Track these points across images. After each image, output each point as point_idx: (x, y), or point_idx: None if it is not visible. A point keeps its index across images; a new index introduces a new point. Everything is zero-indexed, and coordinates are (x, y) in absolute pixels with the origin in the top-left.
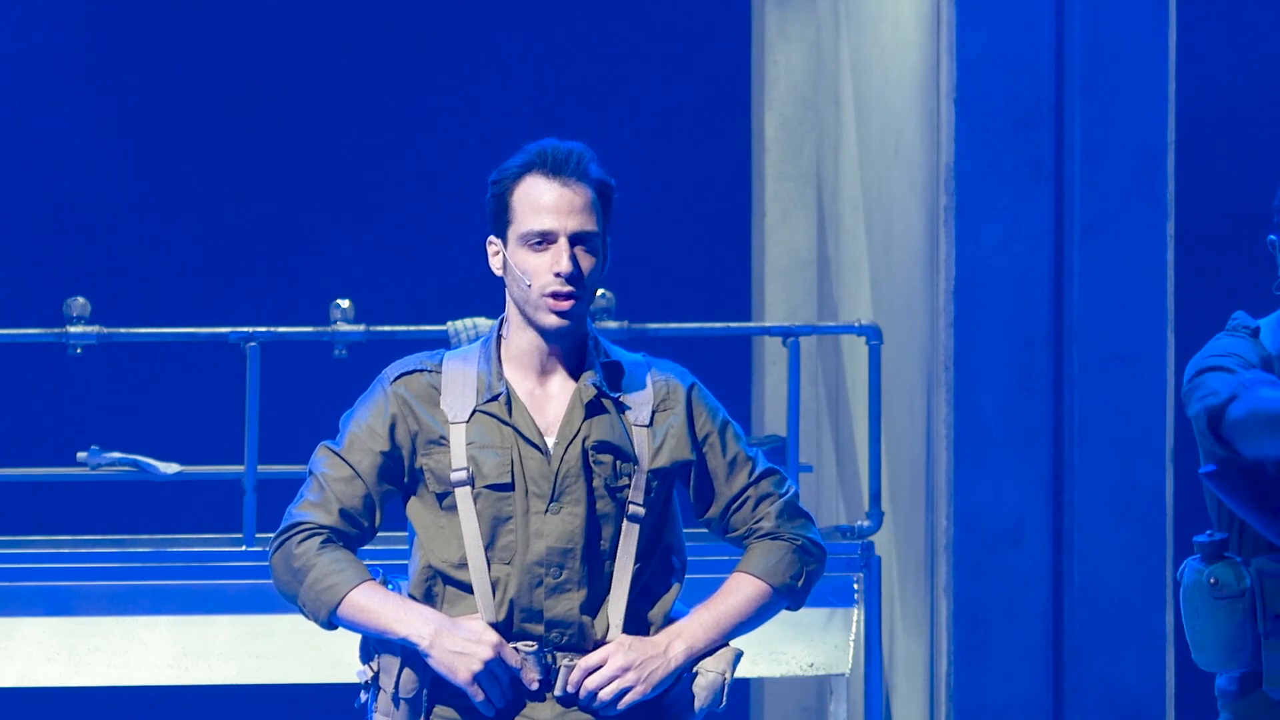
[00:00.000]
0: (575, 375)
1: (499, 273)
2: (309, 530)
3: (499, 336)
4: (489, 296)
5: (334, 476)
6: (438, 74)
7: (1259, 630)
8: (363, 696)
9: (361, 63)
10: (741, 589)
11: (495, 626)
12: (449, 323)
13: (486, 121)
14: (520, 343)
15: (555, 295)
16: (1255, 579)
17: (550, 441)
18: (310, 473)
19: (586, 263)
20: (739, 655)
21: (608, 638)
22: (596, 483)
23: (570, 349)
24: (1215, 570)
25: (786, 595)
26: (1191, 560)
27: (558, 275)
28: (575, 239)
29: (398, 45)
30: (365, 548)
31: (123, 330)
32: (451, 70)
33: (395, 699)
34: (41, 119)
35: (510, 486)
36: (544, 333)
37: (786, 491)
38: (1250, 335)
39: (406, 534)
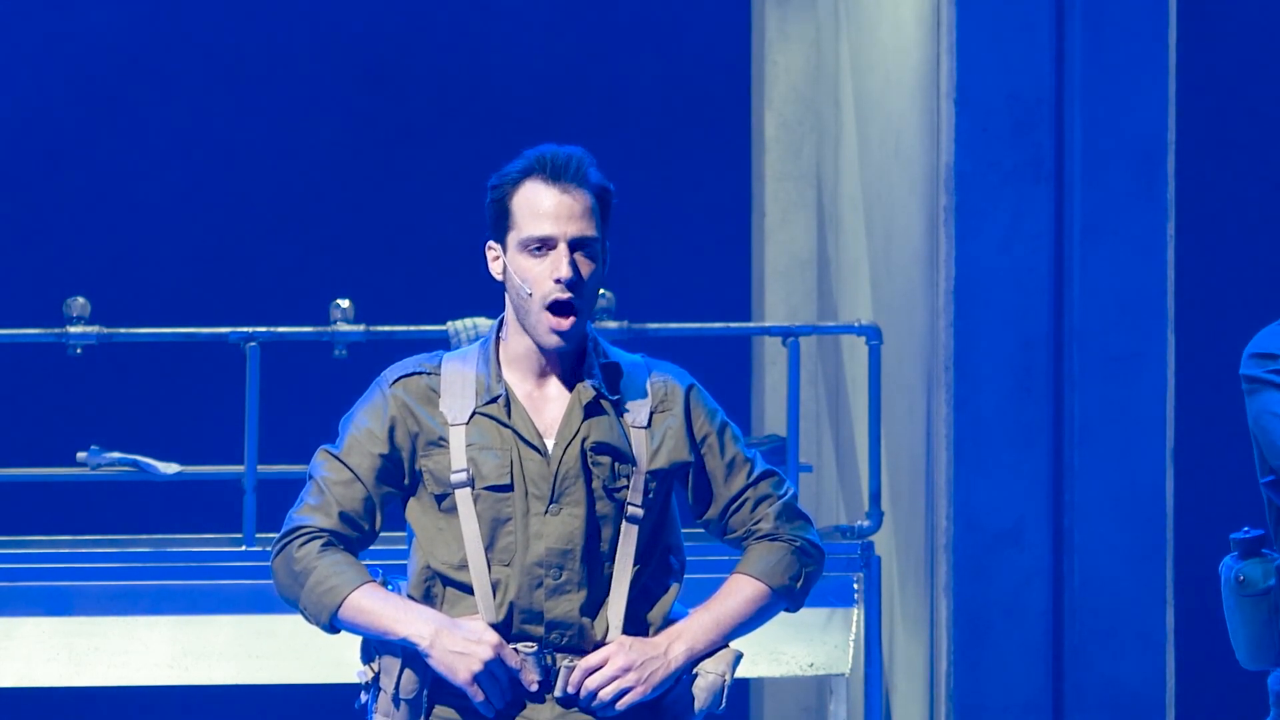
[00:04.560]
0: (574, 377)
1: (499, 278)
2: (309, 534)
3: (497, 338)
4: (489, 297)
5: (334, 480)
6: (438, 74)
7: None
8: (363, 697)
9: (362, 62)
10: (741, 590)
11: (495, 627)
12: (449, 323)
13: (486, 122)
14: (519, 346)
15: (556, 306)
16: (1279, 577)
17: (549, 443)
18: (310, 477)
19: (586, 268)
20: (739, 657)
21: (607, 639)
22: (595, 484)
23: (569, 351)
24: (1243, 568)
25: (785, 596)
26: (1228, 557)
27: (558, 281)
28: (575, 244)
29: (397, 45)
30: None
31: (123, 330)
32: (451, 70)
33: (395, 699)
34: (42, 119)
35: (510, 488)
36: (543, 349)
37: (785, 493)
38: None
39: (406, 535)
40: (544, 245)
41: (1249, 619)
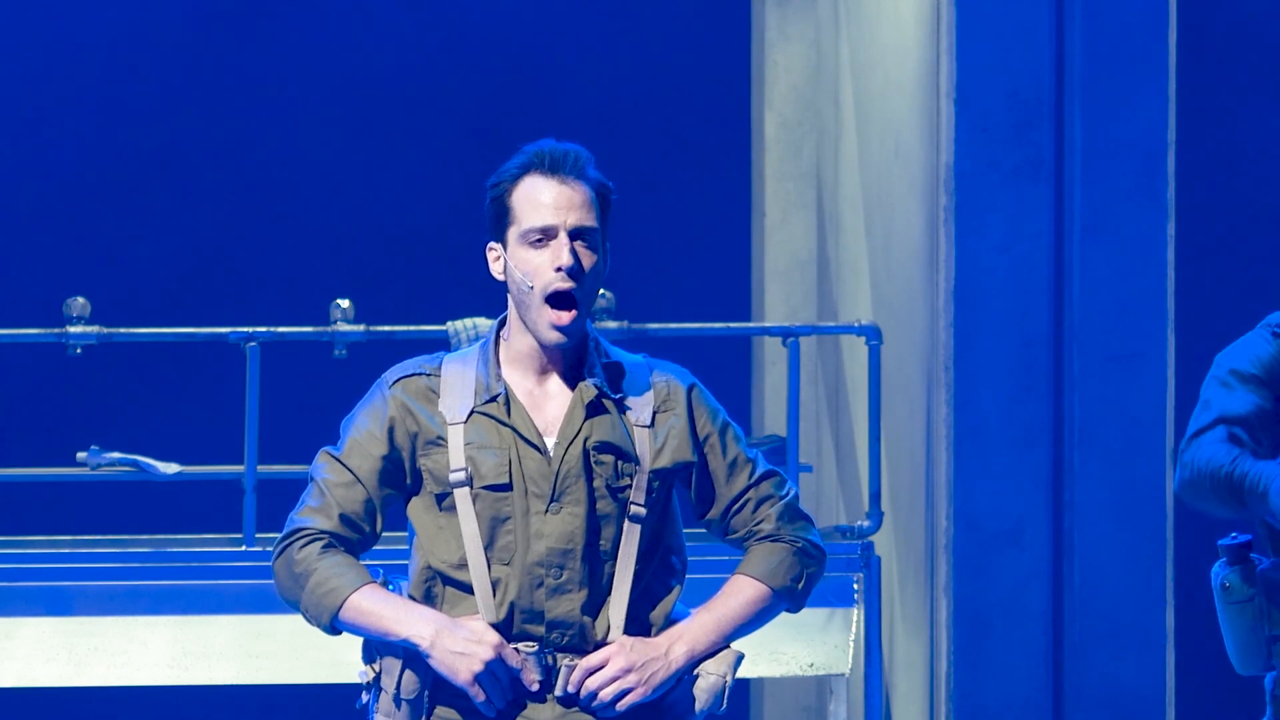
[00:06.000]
0: (575, 376)
1: (500, 278)
2: (310, 536)
3: (498, 338)
4: (489, 296)
5: (334, 482)
6: (437, 74)
7: (1268, 634)
8: (364, 697)
9: (361, 62)
10: (742, 591)
11: (496, 627)
12: (449, 323)
13: (486, 121)
14: (520, 344)
15: (557, 297)
16: (1261, 584)
17: (550, 442)
18: (311, 478)
19: (587, 259)
20: (740, 657)
21: (609, 639)
22: (598, 483)
23: (570, 350)
24: (1228, 574)
25: (787, 597)
26: (1217, 563)
27: (559, 270)
28: (575, 234)
29: (395, 44)
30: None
31: (123, 330)
32: (451, 70)
33: (397, 700)
34: (42, 119)
35: (508, 487)
36: (544, 345)
37: (787, 494)
38: (1275, 336)
39: (407, 534)
40: (544, 236)
41: (1235, 626)
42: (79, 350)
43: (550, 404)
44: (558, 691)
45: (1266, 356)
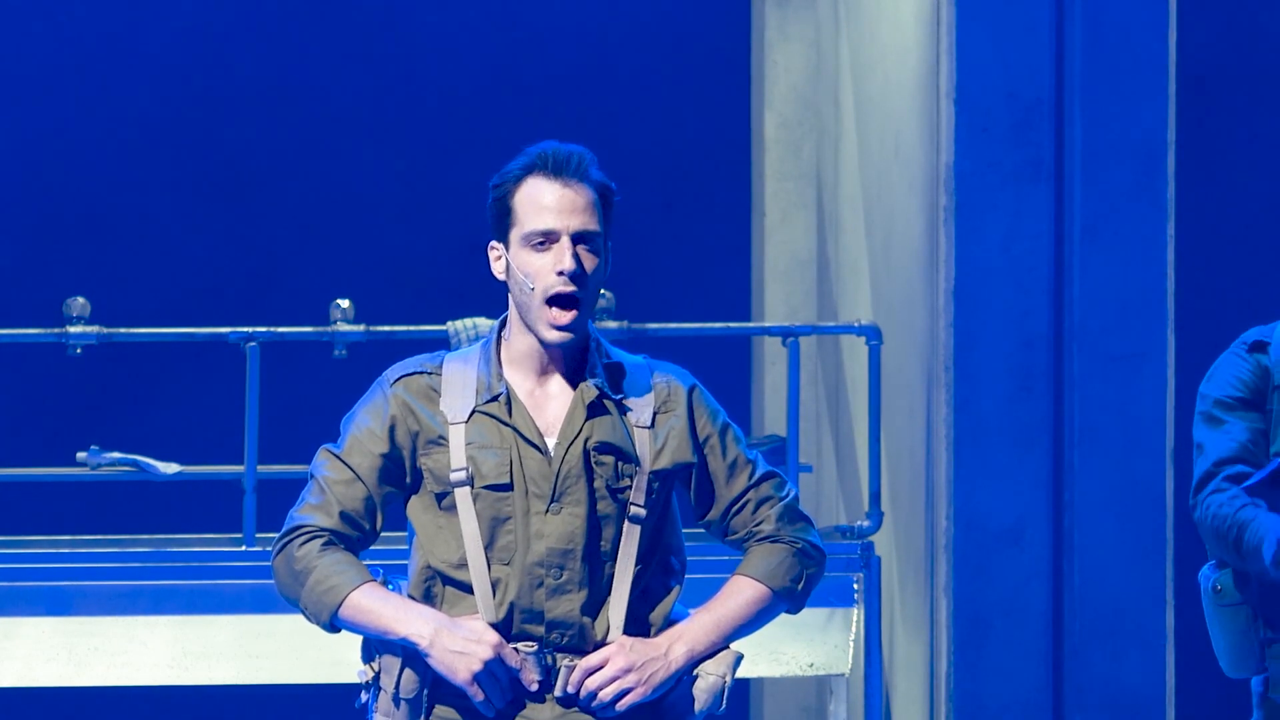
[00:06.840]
0: (576, 376)
1: (501, 277)
2: (310, 533)
3: (499, 338)
4: (489, 297)
5: (335, 479)
6: (436, 73)
7: (1261, 637)
8: (363, 696)
9: (361, 62)
10: (742, 592)
11: (495, 627)
12: (449, 323)
13: (487, 121)
14: (521, 345)
15: (559, 299)
16: (1255, 587)
17: (551, 442)
18: (311, 476)
19: (589, 262)
20: (739, 658)
21: (608, 639)
22: (598, 483)
23: (571, 350)
24: (1220, 576)
25: (786, 598)
26: (1206, 565)
27: (560, 274)
28: (577, 238)
29: (396, 45)
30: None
31: (123, 330)
32: (452, 70)
33: (396, 699)
34: (42, 119)
35: (509, 487)
36: (545, 344)
37: (786, 494)
38: (1249, 352)
39: (406, 534)
40: (547, 239)
41: (1227, 628)
42: (79, 350)
43: (551, 404)
44: (557, 691)
45: (1246, 374)
